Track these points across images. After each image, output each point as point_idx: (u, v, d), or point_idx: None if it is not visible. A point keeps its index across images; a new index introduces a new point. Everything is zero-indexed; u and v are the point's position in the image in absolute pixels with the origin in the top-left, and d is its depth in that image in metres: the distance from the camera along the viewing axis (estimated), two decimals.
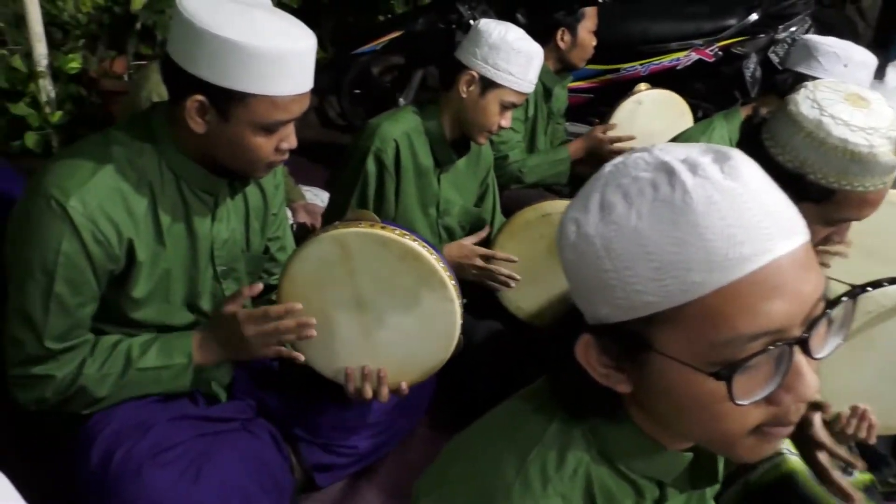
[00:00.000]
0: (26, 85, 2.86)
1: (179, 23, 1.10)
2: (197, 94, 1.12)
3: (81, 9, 3.21)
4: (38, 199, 1.13)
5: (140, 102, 2.16)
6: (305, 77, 1.16)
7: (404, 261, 1.24)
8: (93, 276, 1.17)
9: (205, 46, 1.08)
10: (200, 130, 1.15)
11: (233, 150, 1.18)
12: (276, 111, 1.14)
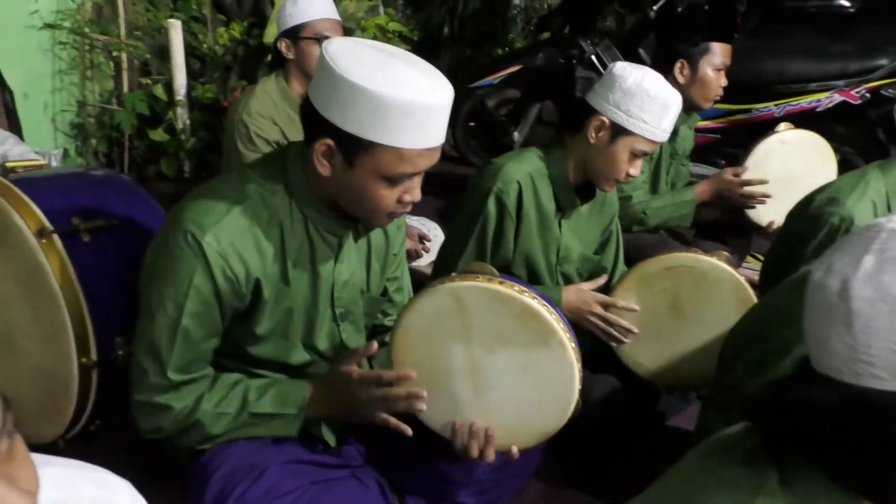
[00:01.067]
0: (165, 113, 3.05)
1: (322, 66, 1.12)
2: (326, 138, 1.13)
3: (219, 41, 3.40)
4: (177, 232, 1.16)
5: (234, 124, 2.27)
6: (436, 132, 1.14)
7: (522, 319, 1.19)
8: (219, 312, 1.20)
9: (339, 91, 1.09)
10: (326, 173, 1.16)
11: (355, 196, 1.18)
12: (401, 163, 1.13)
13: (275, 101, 2.27)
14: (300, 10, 2.22)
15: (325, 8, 2.26)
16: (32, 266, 1.35)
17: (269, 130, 2.23)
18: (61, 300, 1.34)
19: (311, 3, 2.23)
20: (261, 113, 2.21)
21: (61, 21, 3.00)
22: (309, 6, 2.22)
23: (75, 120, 3.18)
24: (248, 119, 2.20)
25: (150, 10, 3.12)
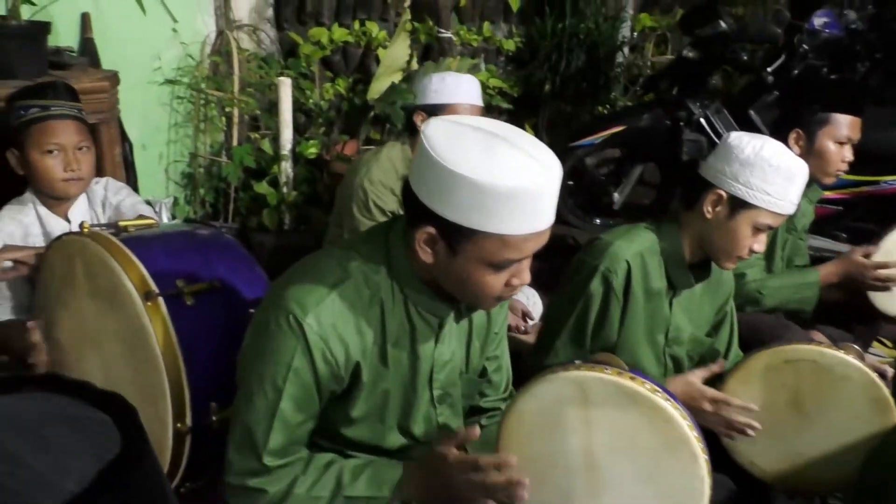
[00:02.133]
0: (270, 166, 3.13)
1: (421, 150, 1.08)
2: (428, 226, 1.08)
3: (324, 96, 3.49)
4: (278, 312, 1.14)
5: (354, 188, 2.26)
6: (543, 216, 1.08)
7: (652, 421, 1.09)
8: (317, 395, 1.17)
9: (438, 179, 1.04)
10: (429, 260, 1.12)
11: (460, 282, 1.13)
12: (506, 250, 1.07)
13: (397, 169, 2.24)
14: (446, 90, 2.19)
15: (471, 94, 2.22)
16: (137, 328, 1.36)
17: (388, 201, 2.21)
18: (162, 364, 1.34)
19: (459, 85, 2.20)
20: (382, 182, 2.20)
21: (181, 77, 3.16)
22: (456, 88, 2.19)
23: (186, 170, 3.32)
24: (368, 187, 2.19)
25: (263, 68, 3.25)
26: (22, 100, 1.80)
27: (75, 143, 1.81)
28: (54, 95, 1.81)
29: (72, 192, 1.87)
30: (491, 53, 4.33)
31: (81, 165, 1.83)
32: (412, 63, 3.50)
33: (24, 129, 1.78)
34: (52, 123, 1.78)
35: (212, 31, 3.22)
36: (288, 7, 3.45)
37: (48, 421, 0.55)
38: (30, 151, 1.79)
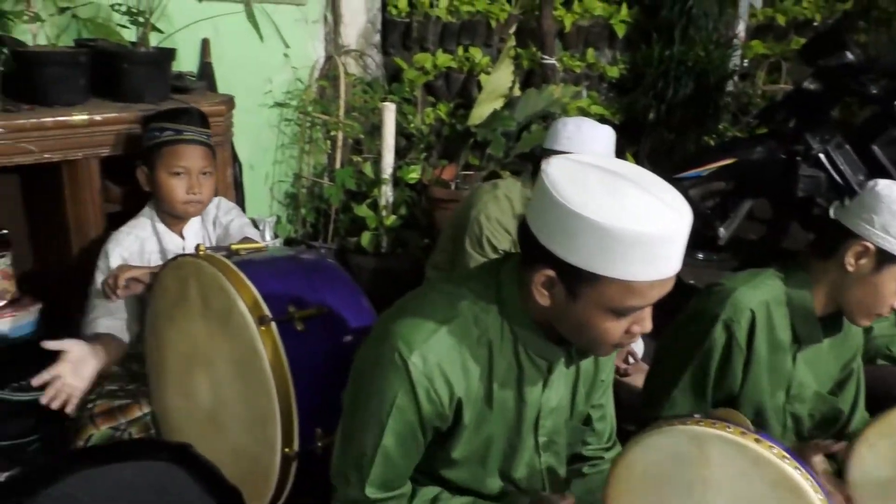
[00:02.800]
0: (371, 189, 3.17)
1: (541, 190, 1.04)
2: (546, 268, 1.04)
3: (425, 121, 3.52)
4: (384, 347, 1.12)
5: (469, 221, 2.23)
6: (671, 262, 1.02)
7: (777, 489, 1.00)
8: (420, 433, 1.15)
9: (561, 220, 1.00)
10: (545, 303, 1.08)
11: (577, 327, 1.08)
12: (630, 296, 1.02)
13: (514, 208, 2.21)
14: (579, 139, 2.10)
15: (606, 145, 2.12)
16: (249, 351, 1.38)
17: (502, 239, 2.18)
18: (273, 389, 1.35)
19: (594, 138, 2.10)
20: (499, 220, 2.17)
21: (289, 100, 3.25)
22: (590, 140, 2.09)
23: (290, 190, 3.41)
24: (484, 223, 2.17)
25: (367, 93, 3.30)
26: (158, 122, 1.90)
27: (200, 168, 1.89)
28: (188, 121, 1.90)
29: (190, 213, 1.94)
30: (594, 80, 4.26)
31: (203, 189, 1.90)
32: (514, 89, 3.48)
33: (157, 150, 1.87)
34: (183, 147, 1.87)
35: (321, 57, 3.31)
36: (394, 33, 3.51)
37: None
38: (158, 171, 1.87)
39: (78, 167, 2.04)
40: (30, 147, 1.91)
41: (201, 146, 1.91)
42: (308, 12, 3.20)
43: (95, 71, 2.11)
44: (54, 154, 1.97)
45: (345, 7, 3.28)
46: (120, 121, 2.06)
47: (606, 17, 4.23)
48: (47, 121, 1.93)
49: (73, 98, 2.05)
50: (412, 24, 3.52)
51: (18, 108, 1.94)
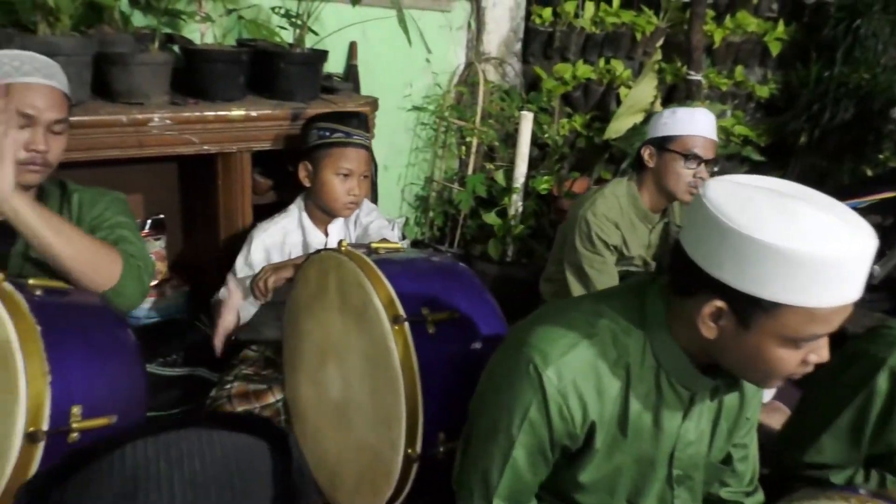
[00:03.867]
0: (501, 197, 3.16)
1: (704, 216, 0.97)
2: (715, 299, 0.97)
3: (560, 131, 3.47)
4: (518, 358, 1.10)
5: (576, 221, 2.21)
6: (856, 285, 0.93)
7: None
8: (550, 450, 1.12)
9: (732, 246, 0.93)
10: (711, 336, 1.01)
11: (745, 359, 1.01)
12: (812, 324, 0.94)
13: (622, 205, 2.20)
14: (677, 122, 2.12)
15: (705, 125, 2.13)
16: (381, 349, 1.40)
17: (611, 234, 2.17)
18: (401, 388, 1.36)
19: (692, 116, 2.12)
20: (606, 216, 2.17)
21: (427, 104, 3.31)
22: (689, 120, 2.12)
23: (420, 193, 3.46)
24: (592, 219, 2.17)
25: (505, 100, 3.30)
26: (327, 122, 1.98)
27: (362, 172, 1.96)
28: (357, 125, 1.98)
29: (346, 214, 2.02)
30: (741, 99, 4.05)
31: (361, 191, 1.97)
32: (656, 104, 3.37)
33: (325, 149, 1.95)
34: (351, 150, 1.95)
35: (461, 63, 3.34)
36: (536, 42, 3.49)
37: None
38: (324, 170, 1.96)
39: (232, 159, 2.16)
40: (192, 139, 2.05)
41: (365, 150, 1.99)
42: (453, 19, 3.24)
43: (254, 69, 2.23)
44: (213, 146, 2.10)
45: (489, 15, 3.30)
46: (273, 117, 2.17)
47: (760, 33, 4.01)
48: (209, 115, 2.06)
49: (233, 94, 2.17)
50: (555, 34, 3.48)
51: (184, 102, 2.08)
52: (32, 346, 1.15)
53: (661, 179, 2.16)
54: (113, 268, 1.47)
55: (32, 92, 1.47)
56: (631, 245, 2.23)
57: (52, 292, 1.33)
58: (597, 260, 2.19)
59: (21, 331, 1.15)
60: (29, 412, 1.11)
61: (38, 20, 1.80)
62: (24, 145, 1.46)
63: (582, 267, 2.21)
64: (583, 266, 2.21)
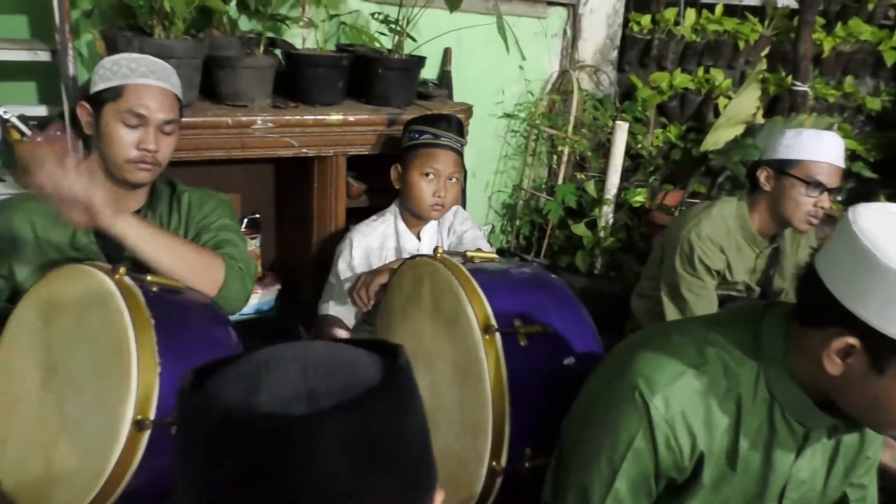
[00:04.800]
0: (591, 208, 3.10)
1: (849, 245, 0.90)
2: (847, 335, 0.90)
3: (654, 142, 3.37)
4: (623, 384, 1.06)
5: (679, 241, 2.10)
6: None
7: None
8: (654, 481, 1.07)
9: (880, 285, 0.86)
10: (835, 372, 0.94)
11: (871, 404, 0.94)
12: None
13: (728, 227, 2.08)
14: (801, 145, 1.97)
15: (832, 151, 1.96)
16: (472, 358, 1.38)
17: (714, 259, 2.06)
18: (489, 399, 1.34)
19: (819, 140, 1.96)
20: (711, 238, 2.05)
21: (518, 112, 3.28)
22: (814, 143, 1.96)
23: (508, 201, 3.44)
24: (695, 241, 2.06)
25: (598, 109, 3.24)
26: (418, 125, 2.00)
27: (449, 173, 1.96)
28: (446, 127, 1.98)
29: (433, 216, 2.02)
30: (849, 111, 3.83)
31: (448, 194, 1.97)
32: (757, 116, 3.23)
33: (413, 151, 1.97)
34: (437, 151, 1.95)
35: (555, 71, 3.30)
36: (633, 50, 3.41)
37: None
38: (411, 171, 1.97)
39: (328, 163, 2.20)
40: (292, 141, 2.10)
41: (454, 153, 1.98)
42: (548, 26, 3.21)
43: (352, 74, 2.27)
44: (310, 149, 2.14)
45: (585, 22, 3.25)
46: (369, 122, 2.19)
47: (874, 42, 3.78)
48: (308, 118, 2.10)
49: (332, 98, 2.21)
50: (652, 42, 3.39)
51: (286, 105, 2.14)
52: (146, 338, 1.19)
53: (778, 205, 2.02)
54: (217, 275, 1.51)
55: (146, 93, 1.53)
56: (735, 270, 2.11)
57: (166, 290, 1.37)
58: (696, 284, 2.08)
59: (137, 322, 1.19)
60: (138, 401, 1.15)
61: (155, 24, 1.89)
62: (136, 144, 1.53)
63: (679, 289, 2.11)
64: (680, 289, 2.10)
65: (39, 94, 2.28)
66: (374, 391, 0.60)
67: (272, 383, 0.60)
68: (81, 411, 1.23)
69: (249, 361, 0.63)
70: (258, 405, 0.58)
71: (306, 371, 0.61)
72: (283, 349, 0.65)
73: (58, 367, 1.29)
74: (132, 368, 1.16)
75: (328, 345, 0.67)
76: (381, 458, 0.60)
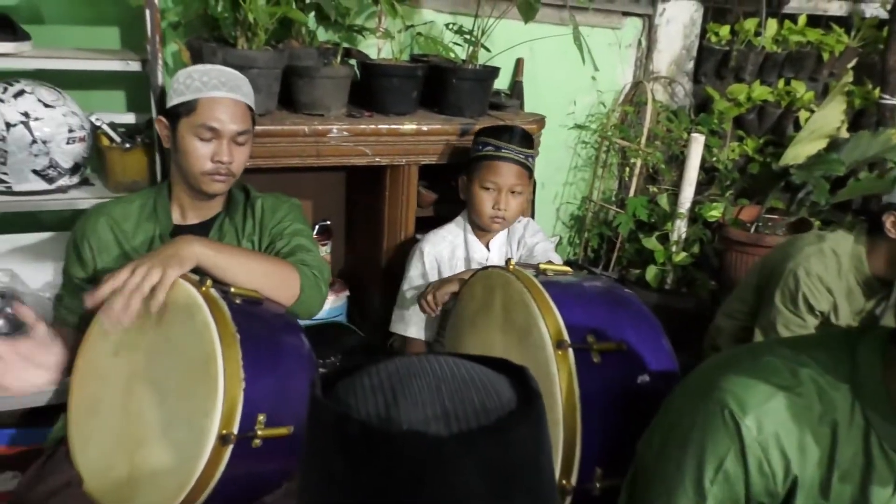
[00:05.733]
0: (664, 222, 3.02)
1: None
2: None
3: (729, 155, 3.28)
4: (711, 403, 1.02)
5: (783, 273, 1.98)
6: None
7: None
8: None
9: None
10: None
11: None
12: None
13: (841, 266, 1.93)
14: None
15: None
16: (543, 373, 1.36)
17: (821, 300, 1.92)
18: (560, 416, 1.32)
19: None
20: (821, 278, 1.91)
21: (589, 123, 3.24)
22: None
23: (576, 213, 3.39)
24: (803, 278, 1.91)
25: (673, 121, 3.17)
26: (483, 136, 2.00)
27: (510, 186, 1.94)
28: (509, 139, 1.97)
29: (494, 229, 2.01)
30: None
31: (509, 206, 1.96)
32: (842, 130, 3.10)
33: (477, 162, 1.97)
34: (498, 163, 1.94)
35: (628, 82, 3.25)
36: (710, 61, 3.32)
37: None
38: (474, 182, 1.97)
39: (399, 171, 2.22)
40: (366, 150, 2.12)
41: (517, 165, 1.96)
42: (623, 37, 3.16)
43: (426, 84, 2.28)
44: (383, 158, 2.16)
45: (662, 32, 3.19)
46: (442, 132, 2.20)
47: None
48: (383, 128, 2.12)
49: (406, 108, 2.23)
50: (731, 53, 3.30)
51: (361, 115, 2.16)
52: (232, 352, 1.21)
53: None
54: (293, 286, 1.53)
55: (217, 106, 1.56)
56: (841, 313, 1.94)
57: (248, 301, 1.39)
58: (795, 322, 1.95)
59: (223, 336, 1.21)
60: (223, 415, 1.17)
61: (238, 35, 1.94)
62: (210, 157, 1.57)
63: (775, 324, 1.98)
64: (777, 325, 1.97)
65: (127, 103, 2.38)
66: (514, 416, 0.60)
67: (408, 399, 0.60)
68: (165, 420, 1.26)
69: (379, 372, 0.63)
70: (398, 421, 0.58)
71: (439, 388, 0.61)
72: (408, 363, 0.65)
73: (142, 373, 1.33)
74: (219, 383, 1.18)
75: (455, 361, 0.66)
76: (518, 483, 0.59)
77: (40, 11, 2.21)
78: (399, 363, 0.65)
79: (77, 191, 1.97)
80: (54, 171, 1.87)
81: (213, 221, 1.69)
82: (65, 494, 1.33)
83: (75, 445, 1.40)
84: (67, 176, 1.91)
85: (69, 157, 1.88)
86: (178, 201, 1.67)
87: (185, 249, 1.38)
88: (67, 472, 1.37)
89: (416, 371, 0.63)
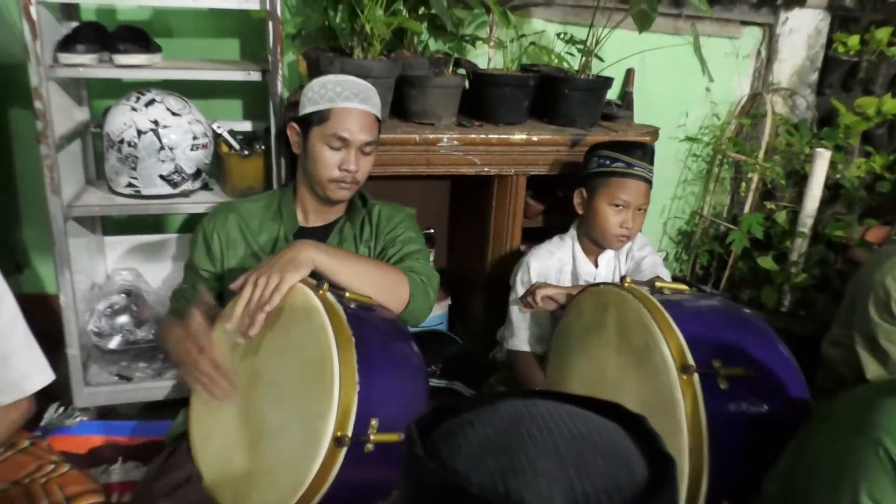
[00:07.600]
0: (782, 241, 2.86)
1: None
2: None
3: (855, 172, 3.06)
4: (861, 441, 0.95)
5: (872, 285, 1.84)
6: None
7: None
8: None
9: None
10: None
11: None
12: None
13: None
14: None
15: None
16: (665, 398, 1.29)
17: None
18: (685, 445, 1.24)
19: None
20: None
21: (702, 135, 3.11)
22: None
23: (684, 228, 3.26)
24: (891, 285, 1.80)
25: (793, 135, 2.99)
26: (610, 150, 1.92)
27: (639, 204, 1.88)
28: (641, 156, 1.90)
29: (616, 247, 1.95)
30: None
31: (635, 225, 1.89)
32: None
33: (603, 178, 1.90)
34: (630, 182, 1.88)
35: (745, 94, 3.10)
36: (835, 72, 3.12)
37: None
38: (598, 198, 1.90)
39: (507, 182, 2.19)
40: (474, 160, 2.10)
41: (646, 183, 1.90)
42: (741, 46, 3.02)
43: (537, 94, 2.24)
44: (492, 168, 2.14)
45: (783, 42, 3.03)
46: (552, 143, 2.16)
47: None
48: (492, 137, 2.10)
49: (515, 118, 2.20)
50: (860, 64, 3.09)
51: (470, 124, 2.15)
52: (348, 355, 1.21)
53: None
54: (403, 292, 1.53)
55: (349, 116, 1.61)
56: None
57: (362, 306, 1.40)
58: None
59: (340, 340, 1.22)
60: (338, 417, 1.17)
61: (354, 45, 1.97)
62: (338, 165, 1.62)
63: (877, 340, 1.85)
64: (878, 339, 1.84)
65: (245, 111, 2.46)
66: (652, 497, 0.53)
67: (528, 469, 0.53)
68: (282, 420, 1.28)
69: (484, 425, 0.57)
70: (520, 499, 0.51)
71: (559, 452, 0.54)
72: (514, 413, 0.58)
73: (262, 373, 1.35)
74: (335, 385, 1.18)
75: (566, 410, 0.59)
76: None
77: (170, 25, 2.32)
78: (504, 412, 0.58)
79: (198, 195, 2.04)
80: (179, 177, 1.95)
81: (334, 225, 1.73)
82: (186, 489, 1.37)
83: (196, 442, 1.44)
84: (190, 181, 1.99)
85: (192, 162, 1.96)
86: (301, 204, 1.73)
87: (302, 254, 1.40)
88: (188, 468, 1.40)
89: (526, 424, 0.56)
